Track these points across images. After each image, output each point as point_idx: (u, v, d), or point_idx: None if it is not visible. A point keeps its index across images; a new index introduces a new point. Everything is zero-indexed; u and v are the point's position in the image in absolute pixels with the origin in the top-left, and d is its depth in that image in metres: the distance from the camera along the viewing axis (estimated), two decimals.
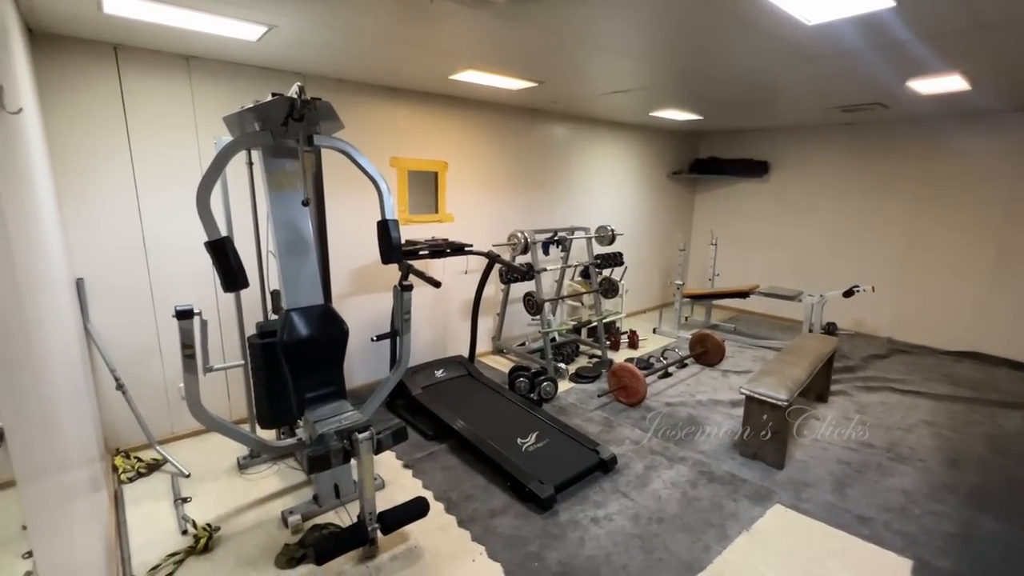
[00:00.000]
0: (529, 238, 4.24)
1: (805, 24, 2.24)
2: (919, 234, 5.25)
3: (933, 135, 5.02)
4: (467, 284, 4.56)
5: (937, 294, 5.21)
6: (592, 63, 3.05)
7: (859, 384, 4.29)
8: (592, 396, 3.99)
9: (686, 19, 2.25)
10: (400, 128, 3.94)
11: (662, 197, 6.63)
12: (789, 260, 6.23)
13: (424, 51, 2.82)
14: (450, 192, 4.37)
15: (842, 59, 2.84)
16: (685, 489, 2.78)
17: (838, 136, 5.64)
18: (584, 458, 2.91)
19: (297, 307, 2.41)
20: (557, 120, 5.12)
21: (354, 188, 3.69)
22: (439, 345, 4.56)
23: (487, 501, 2.66)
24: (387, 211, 2.48)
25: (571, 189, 5.44)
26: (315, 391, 2.46)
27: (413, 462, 3.03)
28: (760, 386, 2.98)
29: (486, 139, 4.54)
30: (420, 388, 3.67)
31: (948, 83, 3.36)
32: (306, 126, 2.28)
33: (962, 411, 3.81)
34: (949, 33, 2.35)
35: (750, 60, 2.92)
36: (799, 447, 3.24)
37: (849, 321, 5.80)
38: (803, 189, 6.02)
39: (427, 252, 3.70)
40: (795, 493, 2.75)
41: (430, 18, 2.27)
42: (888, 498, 2.72)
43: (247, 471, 2.93)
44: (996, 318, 4.89)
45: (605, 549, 2.32)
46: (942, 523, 2.52)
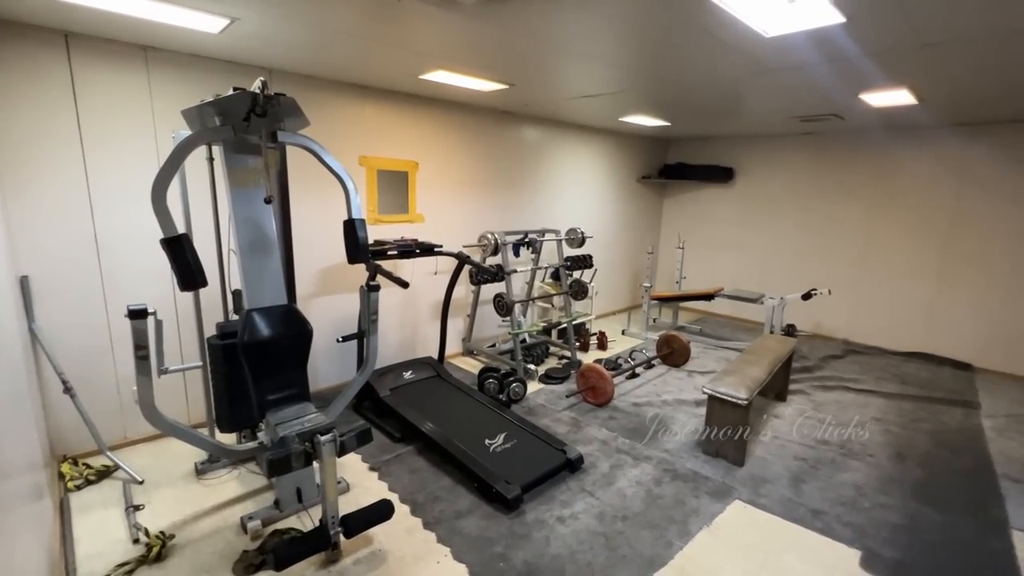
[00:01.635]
0: (500, 239, 4.25)
1: (763, 36, 2.32)
2: (872, 240, 5.50)
3: (885, 146, 5.27)
4: (437, 285, 4.54)
5: (889, 297, 5.47)
6: (562, 67, 3.09)
7: (816, 383, 4.47)
8: (561, 397, 4.02)
9: (652, 26, 2.31)
10: (369, 127, 3.89)
11: (632, 201, 6.75)
12: (753, 263, 6.44)
13: (393, 49, 2.80)
14: (421, 192, 4.34)
15: (799, 71, 2.96)
16: (649, 487, 2.83)
17: (799, 145, 5.87)
18: (551, 458, 2.93)
19: (259, 307, 2.35)
20: (529, 123, 5.16)
21: (321, 186, 3.63)
22: (408, 346, 4.52)
23: (454, 502, 2.65)
24: (354, 210, 2.45)
25: (542, 191, 5.48)
26: (277, 393, 2.41)
27: (379, 464, 2.99)
28: (722, 386, 3.07)
29: (458, 140, 4.54)
30: (388, 390, 3.63)
31: (897, 97, 3.54)
32: (269, 122, 2.24)
33: (910, 408, 4.01)
34: (895, 50, 2.48)
35: (714, 69, 3.01)
36: (759, 445, 3.35)
37: (808, 323, 6.02)
38: (766, 195, 6.23)
39: (396, 252, 3.66)
40: (754, 489, 2.84)
41: (398, 16, 2.26)
42: (840, 492, 2.84)
43: (205, 477, 2.84)
44: (941, 320, 5.17)
45: (570, 548, 2.34)
46: (889, 515, 2.65)
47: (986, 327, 4.90)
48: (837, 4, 1.96)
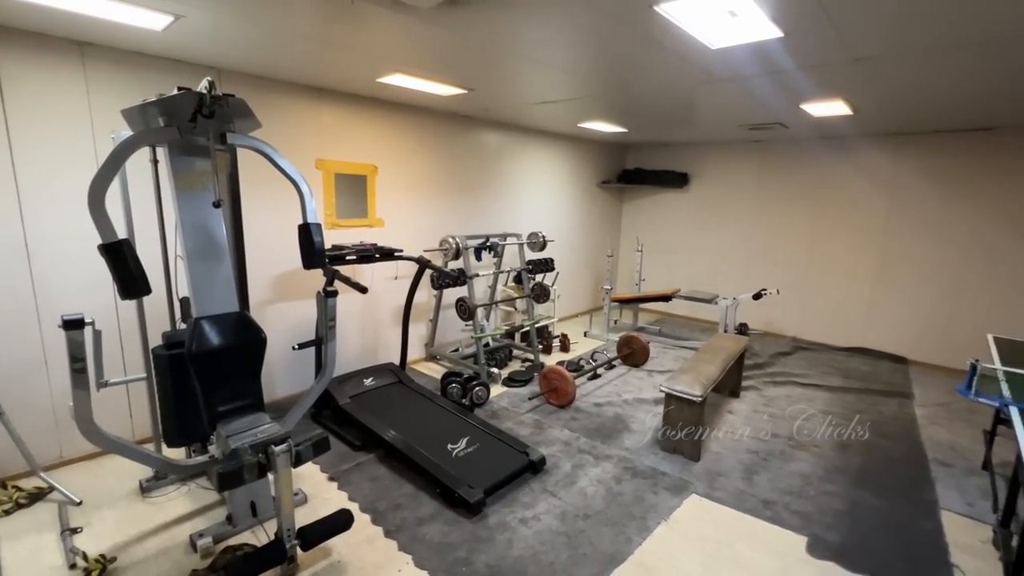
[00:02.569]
0: (461, 244, 4.25)
1: (710, 48, 2.43)
2: (817, 242, 5.82)
3: (826, 153, 5.59)
4: (398, 290, 4.49)
5: (832, 297, 5.78)
6: (520, 72, 3.13)
7: (767, 379, 4.68)
8: (524, 399, 4.05)
9: (605, 36, 2.37)
10: (326, 130, 3.82)
11: (592, 205, 6.88)
12: (708, 265, 6.68)
13: (348, 52, 2.76)
14: (380, 196, 4.29)
15: (744, 82, 3.11)
16: (610, 485, 2.89)
17: (749, 151, 6.14)
18: (514, 460, 2.94)
19: (208, 315, 2.27)
20: (490, 127, 5.18)
21: (275, 189, 3.53)
22: (369, 353, 4.44)
23: (416, 509, 2.63)
24: (309, 214, 2.40)
25: (504, 196, 5.51)
26: (229, 404, 2.32)
27: (339, 474, 2.93)
28: (678, 384, 3.17)
29: (418, 144, 4.51)
30: (348, 397, 3.56)
31: (834, 108, 3.77)
32: (218, 123, 2.17)
33: (852, 400, 4.25)
34: (828, 64, 2.65)
35: (666, 78, 3.12)
36: (714, 440, 3.48)
37: (760, 322, 6.30)
38: (719, 199, 6.49)
39: (355, 257, 3.60)
40: (709, 483, 2.94)
41: (353, 19, 2.24)
42: (789, 482, 2.98)
43: (151, 494, 2.70)
44: (879, 318, 5.51)
45: (533, 549, 2.36)
46: (832, 502, 2.80)
47: (919, 323, 5.26)
48: (775, 20, 2.08)
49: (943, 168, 4.96)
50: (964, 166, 4.85)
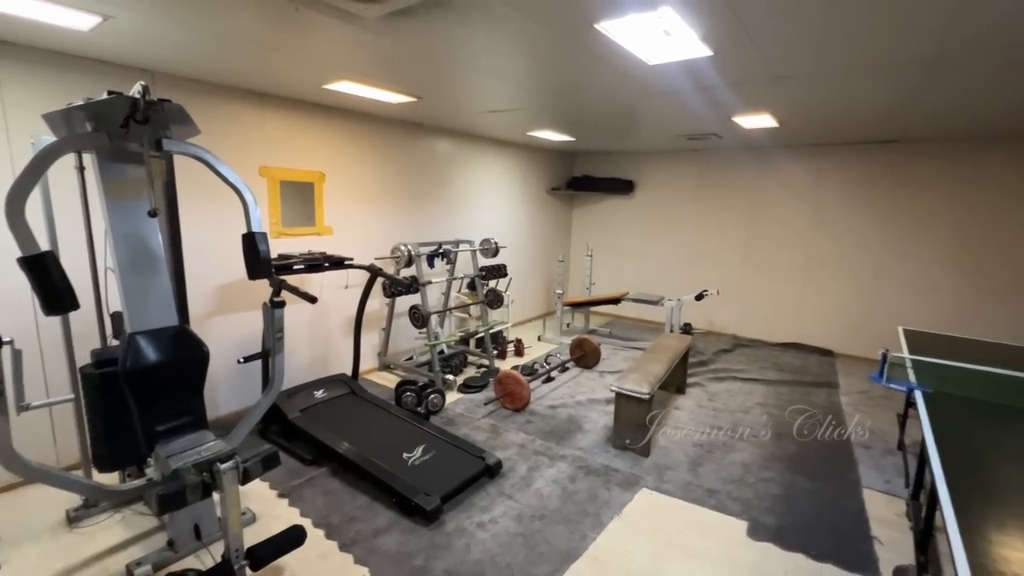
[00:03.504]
0: (413, 251, 4.23)
1: (647, 64, 2.58)
2: (752, 245, 6.20)
3: (758, 161, 5.99)
4: (349, 299, 4.40)
5: (767, 296, 6.18)
6: (467, 82, 3.18)
7: (710, 375, 4.93)
8: (480, 405, 4.07)
9: (550, 51, 2.47)
10: (270, 136, 3.71)
11: (543, 211, 7.02)
12: (654, 268, 6.96)
13: (294, 58, 2.72)
14: (329, 204, 4.20)
15: (679, 95, 3.30)
16: (565, 484, 2.96)
17: (689, 160, 6.48)
18: (470, 466, 2.96)
19: (144, 329, 2.16)
20: (441, 135, 5.20)
21: (216, 198, 3.40)
22: (319, 364, 4.33)
23: (371, 521, 2.59)
24: (253, 223, 2.33)
25: (456, 203, 5.53)
26: (168, 423, 2.22)
27: (289, 490, 2.84)
28: (627, 383, 3.30)
29: (368, 151, 4.46)
30: (298, 411, 3.45)
31: (762, 120, 4.07)
32: (153, 129, 2.08)
33: (786, 392, 4.56)
34: (753, 81, 2.87)
35: (608, 91, 3.26)
36: (662, 435, 3.63)
37: (703, 321, 6.63)
38: (663, 205, 6.79)
39: (303, 266, 3.51)
40: (658, 476, 3.08)
41: (297, 25, 2.21)
42: (731, 471, 3.16)
43: (80, 524, 2.51)
44: (808, 314, 5.94)
45: (490, 552, 2.38)
46: (770, 487, 3.00)
47: (843, 318, 5.71)
48: (705, 40, 2.24)
49: (858, 176, 5.43)
50: (876, 175, 5.34)
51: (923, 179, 5.11)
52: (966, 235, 4.98)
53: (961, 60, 2.41)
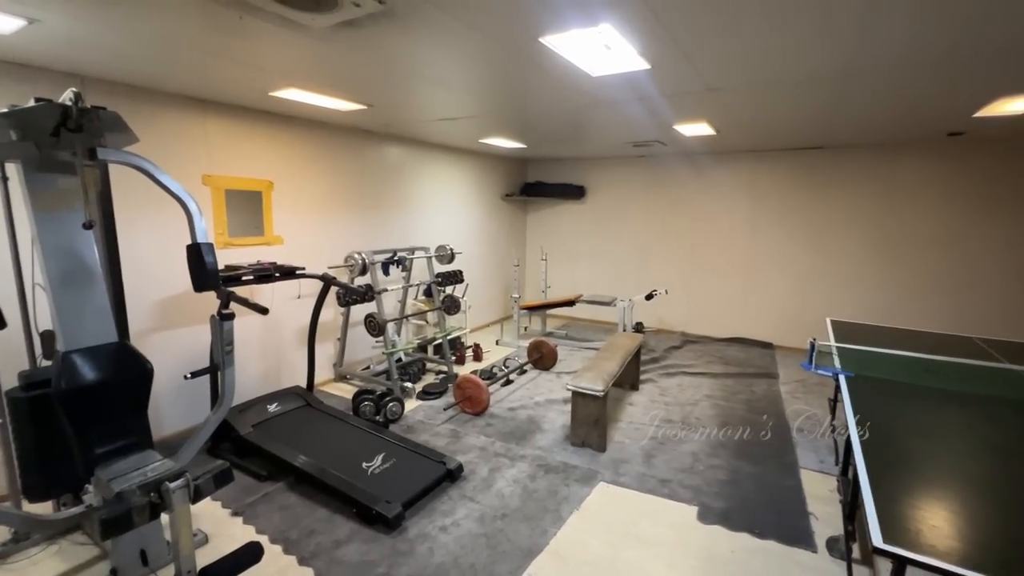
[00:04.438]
0: (367, 259, 4.20)
1: (591, 76, 2.71)
2: (697, 246, 6.53)
3: (700, 167, 6.33)
4: (302, 310, 4.31)
5: (712, 293, 6.51)
6: (417, 91, 3.21)
7: (662, 371, 5.15)
8: (440, 411, 4.08)
9: (498, 62, 2.54)
10: (214, 144, 3.60)
11: (497, 217, 7.11)
12: (607, 270, 7.19)
13: (237, 65, 2.66)
14: (278, 213, 4.10)
15: (623, 105, 3.47)
16: (525, 483, 3.03)
17: (636, 166, 6.75)
18: (432, 471, 2.97)
19: (80, 347, 2.06)
20: (393, 142, 5.18)
21: (156, 208, 3.26)
22: (272, 377, 4.20)
23: (331, 533, 2.56)
24: (198, 233, 2.27)
25: (410, 210, 5.52)
26: (109, 444, 2.13)
27: (244, 508, 2.75)
28: (582, 382, 3.41)
29: (318, 158, 4.39)
30: (250, 426, 3.34)
31: (700, 129, 4.32)
32: (87, 138, 2.00)
33: (731, 384, 4.83)
34: (689, 92, 3.06)
35: (556, 100, 3.38)
36: (617, 430, 3.77)
37: (654, 320, 6.90)
38: (613, 209, 7.03)
39: (252, 277, 3.42)
40: (615, 470, 3.20)
41: (241, 33, 2.18)
42: (681, 461, 3.33)
43: (9, 560, 2.34)
44: (750, 310, 6.31)
45: (454, 554, 2.41)
46: (717, 473, 3.18)
47: (781, 313, 6.11)
48: (642, 54, 2.38)
49: (790, 180, 5.85)
50: (805, 178, 5.76)
51: (846, 182, 5.56)
52: (885, 233, 5.45)
53: (866, 76, 2.68)
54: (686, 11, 1.88)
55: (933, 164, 5.14)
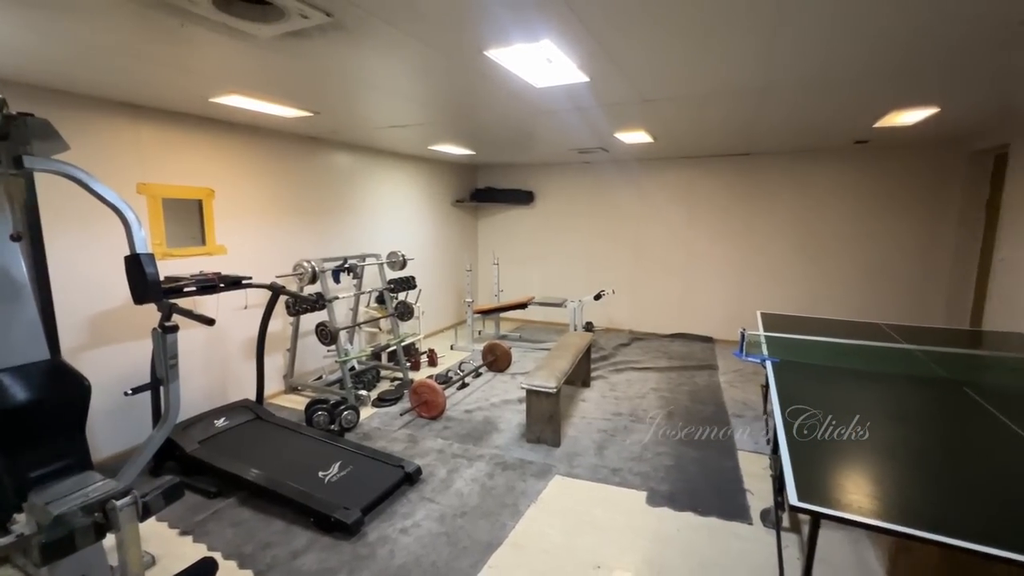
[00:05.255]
0: (317, 267, 4.14)
1: (535, 87, 2.84)
2: (641, 247, 6.85)
3: (642, 172, 6.66)
4: (249, 321, 4.19)
5: (656, 292, 6.85)
6: (366, 99, 3.24)
7: (611, 368, 5.37)
8: (396, 417, 4.08)
9: (444, 73, 2.63)
10: (149, 151, 3.46)
11: (448, 223, 7.16)
12: (557, 273, 7.40)
13: (176, 71, 2.60)
14: (221, 222, 3.98)
15: (566, 114, 3.64)
16: (484, 481, 3.10)
17: (582, 171, 7.00)
18: (390, 476, 2.99)
19: (8, 367, 1.95)
20: (341, 149, 5.13)
21: (89, 218, 3.10)
22: (218, 391, 4.05)
23: (288, 544, 2.53)
24: (137, 244, 2.20)
25: (360, 217, 5.47)
26: (44, 468, 2.03)
27: (193, 526, 2.66)
28: (535, 380, 3.53)
29: (262, 166, 4.29)
30: (197, 443, 3.23)
31: (639, 137, 4.58)
32: (12, 146, 1.90)
33: (675, 377, 5.11)
34: (625, 103, 3.27)
35: (502, 109, 3.50)
36: (571, 426, 3.92)
37: (603, 319, 7.16)
38: (561, 213, 7.26)
39: (195, 288, 3.31)
40: (569, 463, 3.33)
41: (181, 40, 2.15)
42: (631, 451, 3.51)
43: None
44: (691, 307, 6.69)
45: (415, 554, 2.45)
46: (664, 460, 3.39)
47: (719, 308, 6.51)
48: (581, 68, 2.54)
49: (722, 184, 6.27)
50: (734, 182, 6.20)
51: (771, 185, 6.03)
52: (806, 231, 5.96)
53: (780, 91, 2.98)
54: (617, 30, 2.04)
55: (844, 169, 5.69)
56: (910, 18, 1.93)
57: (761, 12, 1.86)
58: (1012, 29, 2.03)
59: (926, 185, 5.38)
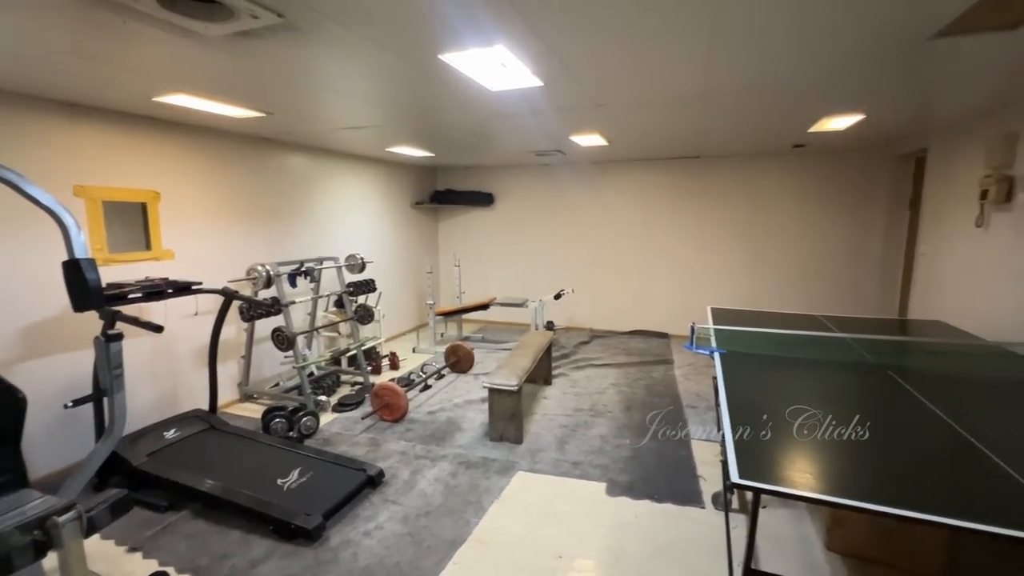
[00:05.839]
0: (272, 271, 4.04)
1: (490, 90, 2.90)
2: (599, 247, 7.03)
3: (598, 174, 6.84)
4: (199, 328, 4.04)
5: (614, 291, 7.05)
6: (321, 101, 3.20)
7: (572, 365, 5.49)
8: (357, 421, 4.03)
9: (400, 75, 2.64)
10: (88, 152, 3.29)
11: (408, 225, 7.11)
12: (518, 274, 7.48)
13: (117, 69, 2.50)
14: (168, 226, 3.82)
15: (522, 117, 3.71)
16: (447, 481, 3.12)
17: (541, 173, 7.12)
18: (351, 479, 2.96)
19: None
20: (297, 150, 5.03)
21: (19, 223, 2.92)
22: (168, 402, 3.89)
23: (247, 553, 2.47)
24: (76, 249, 2.12)
25: (317, 220, 5.37)
26: None
27: (143, 542, 2.56)
28: (497, 378, 3.58)
29: (213, 167, 4.15)
30: (144, 456, 3.09)
31: (594, 140, 4.72)
32: None
33: (633, 372, 5.28)
34: (579, 107, 3.38)
35: (459, 112, 3.54)
36: (533, 423, 3.99)
37: (564, 319, 7.29)
38: (521, 215, 7.35)
39: (140, 295, 3.17)
40: (531, 459, 3.40)
41: (122, 37, 2.08)
42: (591, 444, 3.61)
43: None
44: (647, 304, 6.92)
45: (379, 555, 2.44)
46: (622, 452, 3.51)
47: (673, 305, 6.77)
48: (535, 73, 2.61)
49: (673, 185, 6.53)
50: (686, 184, 6.47)
51: (720, 187, 6.33)
52: (752, 230, 6.28)
53: (722, 97, 3.15)
54: (566, 36, 2.12)
55: (785, 171, 6.04)
56: (829, 33, 2.10)
57: (699, 22, 1.99)
58: (920, 44, 2.25)
59: (857, 186, 5.79)
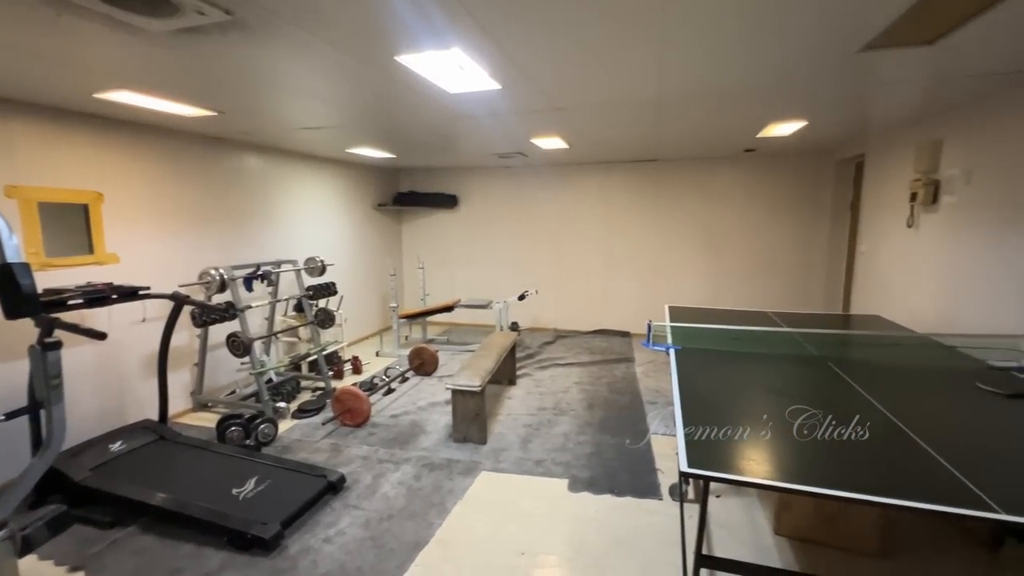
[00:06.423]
0: (227, 275, 3.92)
1: (449, 93, 2.91)
2: (562, 248, 7.13)
3: (561, 176, 6.94)
4: (149, 334, 3.87)
5: (577, 291, 7.16)
6: (275, 100, 3.14)
7: (536, 365, 5.55)
8: (318, 427, 3.95)
9: (357, 76, 2.62)
10: (20, 150, 3.11)
11: (371, 227, 7.02)
12: (482, 275, 7.49)
13: (54, 65, 2.38)
14: (112, 228, 3.65)
15: (482, 120, 3.74)
16: (410, 484, 3.11)
17: (504, 175, 7.16)
18: (312, 486, 2.91)
19: None
20: (253, 151, 4.88)
21: None
22: (114, 413, 3.70)
23: (201, 567, 2.39)
24: (8, 252, 2.01)
25: (275, 222, 5.23)
26: None
27: (86, 560, 2.43)
28: (460, 379, 3.59)
29: (161, 167, 3.98)
30: (87, 470, 2.93)
31: (555, 143, 4.79)
32: None
33: (596, 370, 5.38)
34: (538, 110, 3.44)
35: (418, 113, 3.53)
36: (497, 423, 4.01)
37: (529, 319, 7.36)
38: (485, 217, 7.37)
39: (82, 301, 3.01)
40: (495, 459, 3.42)
41: (58, 31, 1.98)
42: (554, 442, 3.67)
43: None
44: (610, 304, 7.06)
45: (339, 561, 2.41)
46: (584, 448, 3.57)
47: (634, 304, 6.94)
48: (493, 76, 2.65)
49: (634, 188, 6.70)
50: (645, 186, 6.65)
51: (677, 189, 6.54)
52: (707, 231, 6.52)
53: (674, 103, 3.28)
54: (520, 42, 2.17)
55: (737, 174, 6.30)
56: (771, 44, 2.23)
57: (649, 30, 2.07)
58: (852, 56, 2.41)
59: (804, 189, 6.11)
